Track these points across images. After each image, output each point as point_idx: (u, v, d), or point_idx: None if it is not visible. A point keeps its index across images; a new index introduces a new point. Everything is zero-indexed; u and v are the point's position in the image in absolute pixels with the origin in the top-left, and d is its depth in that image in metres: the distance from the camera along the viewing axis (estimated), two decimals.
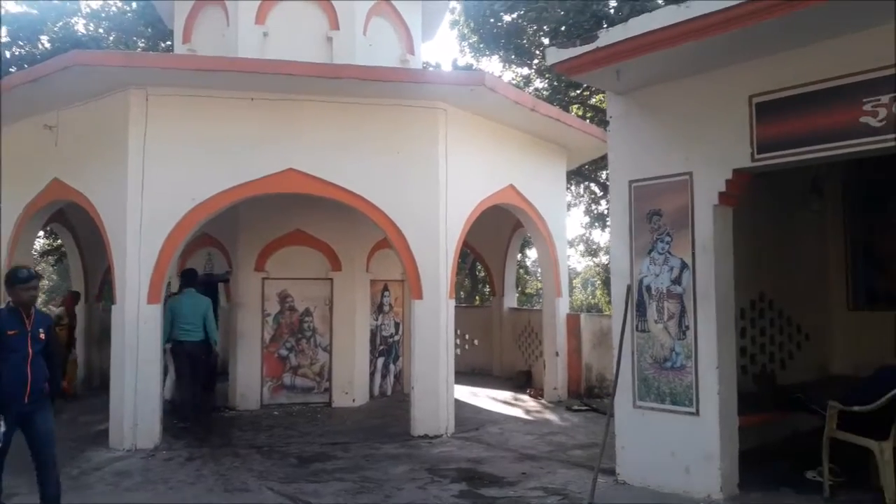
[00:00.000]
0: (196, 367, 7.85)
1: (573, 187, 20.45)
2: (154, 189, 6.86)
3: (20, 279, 4.32)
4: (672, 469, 5.07)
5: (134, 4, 17.32)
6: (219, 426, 7.84)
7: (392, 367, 10.08)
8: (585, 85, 12.16)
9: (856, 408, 4.64)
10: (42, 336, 4.36)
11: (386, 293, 9.94)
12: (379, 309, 9.81)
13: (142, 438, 6.68)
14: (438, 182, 7.48)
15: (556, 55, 5.24)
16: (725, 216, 5.08)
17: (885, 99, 4.16)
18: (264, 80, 6.86)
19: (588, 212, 21.57)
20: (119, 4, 17.98)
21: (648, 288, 5.35)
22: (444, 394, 7.42)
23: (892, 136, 4.16)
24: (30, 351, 4.25)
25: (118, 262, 6.89)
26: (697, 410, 4.97)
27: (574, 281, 29.98)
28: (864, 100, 4.24)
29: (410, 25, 9.93)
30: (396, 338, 10.15)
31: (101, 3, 17.97)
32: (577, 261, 28.72)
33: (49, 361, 4.45)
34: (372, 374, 9.61)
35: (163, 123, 6.95)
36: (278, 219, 8.95)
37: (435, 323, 7.42)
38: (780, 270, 6.76)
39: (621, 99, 5.63)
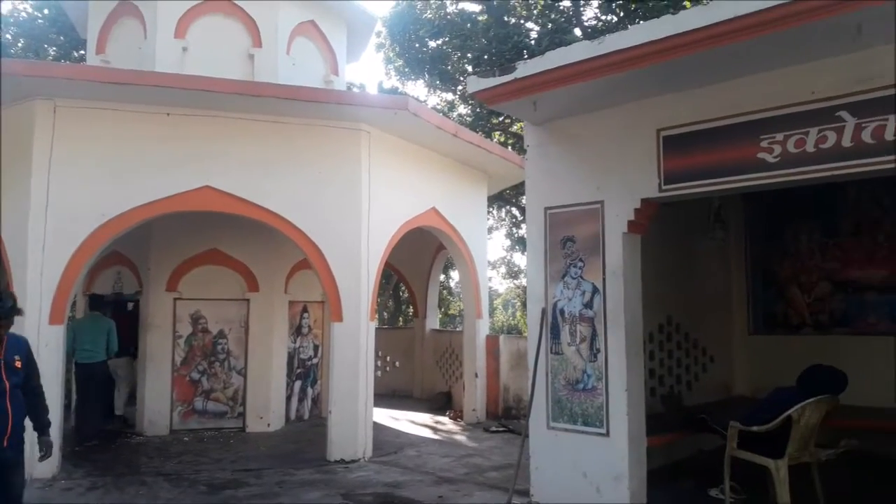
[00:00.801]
0: (98, 390, 7.62)
1: (495, 211, 20.82)
2: (60, 204, 6.54)
3: None
4: (583, 489, 5.18)
5: (46, 11, 16.55)
6: (124, 452, 7.47)
7: (310, 390, 9.89)
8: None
9: (754, 428, 4.88)
10: (18, 364, 3.68)
11: (305, 315, 9.78)
12: (297, 331, 9.63)
13: (39, 467, 6.28)
14: (361, 203, 7.47)
15: (476, 84, 5.35)
16: (634, 243, 5.28)
17: (779, 136, 4.44)
18: (182, 96, 6.70)
19: (509, 235, 22.00)
20: (29, 10, 17.16)
21: (562, 311, 5.49)
22: (362, 417, 7.34)
23: (786, 171, 4.44)
24: (5, 384, 3.58)
25: (18, 280, 6.50)
26: (608, 431, 5.11)
27: (495, 302, 30.36)
28: (761, 137, 4.51)
29: (335, 46, 9.93)
30: (315, 360, 9.98)
31: (10, 8, 17.07)
32: (498, 283, 29.17)
33: (32, 394, 3.81)
34: (288, 398, 9.40)
35: (71, 136, 6.66)
36: (193, 237, 8.70)
37: (355, 345, 7.36)
38: (687, 296, 7.09)
39: (538, 129, 5.80)
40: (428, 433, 9.05)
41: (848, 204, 7.19)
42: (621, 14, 13.57)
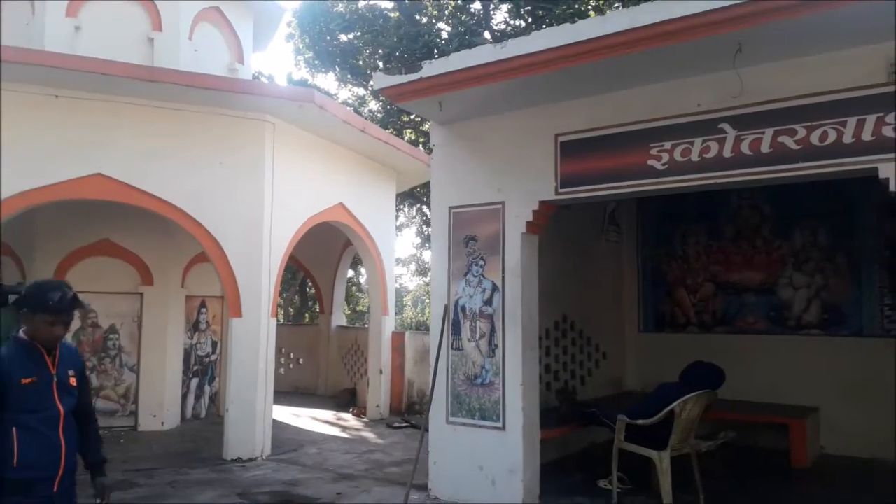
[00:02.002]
0: None
1: (406, 209, 20.83)
2: None
3: (48, 306, 2.71)
4: (480, 482, 5.30)
5: None
6: None
7: (207, 388, 9.58)
8: None
9: (639, 421, 5.14)
10: (73, 382, 2.87)
11: (203, 310, 9.46)
12: (195, 327, 9.31)
13: None
14: (263, 196, 7.30)
15: (382, 81, 5.35)
16: (532, 243, 5.45)
17: (667, 145, 4.70)
18: (72, 78, 6.32)
19: (420, 233, 22.08)
20: None
21: (464, 308, 5.59)
22: (261, 415, 7.19)
23: (673, 178, 4.71)
24: (59, 409, 2.78)
25: None
26: (504, 425, 5.25)
27: (405, 299, 30.44)
28: (651, 145, 4.76)
29: (241, 34, 9.65)
30: (213, 357, 9.68)
31: None
32: (409, 280, 29.27)
33: (84, 420, 2.96)
34: (184, 396, 9.07)
35: None
36: (83, 227, 8.23)
37: (254, 342, 7.19)
38: (582, 294, 7.37)
39: (444, 128, 5.87)
40: (330, 430, 8.97)
41: (731, 211, 7.69)
42: (529, 20, 13.90)
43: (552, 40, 4.37)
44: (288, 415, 9.96)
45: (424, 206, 20.57)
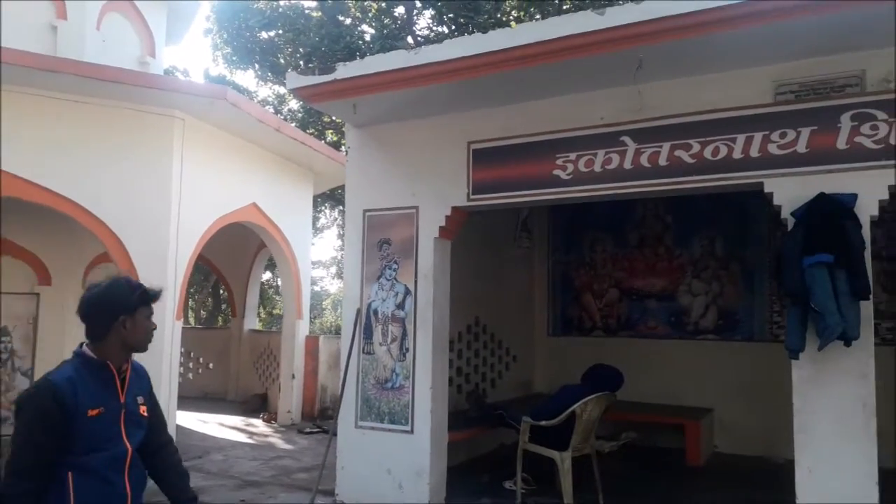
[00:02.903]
0: None
1: (327, 210, 20.59)
2: None
3: (150, 296, 2.31)
4: (387, 486, 5.30)
5: None
6: None
7: None
8: None
9: (543, 422, 5.27)
10: (143, 410, 2.35)
11: None
12: None
13: None
14: (170, 194, 7.06)
15: (295, 81, 5.29)
16: (445, 248, 5.52)
17: (572, 156, 4.87)
18: None
19: (341, 235, 21.86)
20: None
21: (376, 312, 5.59)
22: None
23: (578, 188, 4.88)
24: (126, 446, 2.24)
25: None
26: (412, 428, 5.28)
27: (325, 302, 30.02)
28: (557, 155, 4.91)
29: (153, 26, 9.31)
30: None
31: None
32: (329, 282, 28.87)
33: (163, 454, 2.49)
34: None
35: None
36: None
37: (158, 346, 6.92)
38: (494, 299, 7.51)
39: (359, 131, 5.86)
40: (238, 436, 8.75)
41: (636, 220, 8.02)
42: (453, 27, 14.05)
43: (464, 49, 4.44)
44: (194, 421, 9.65)
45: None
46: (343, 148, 15.05)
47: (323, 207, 19.57)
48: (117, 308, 2.21)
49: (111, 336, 2.22)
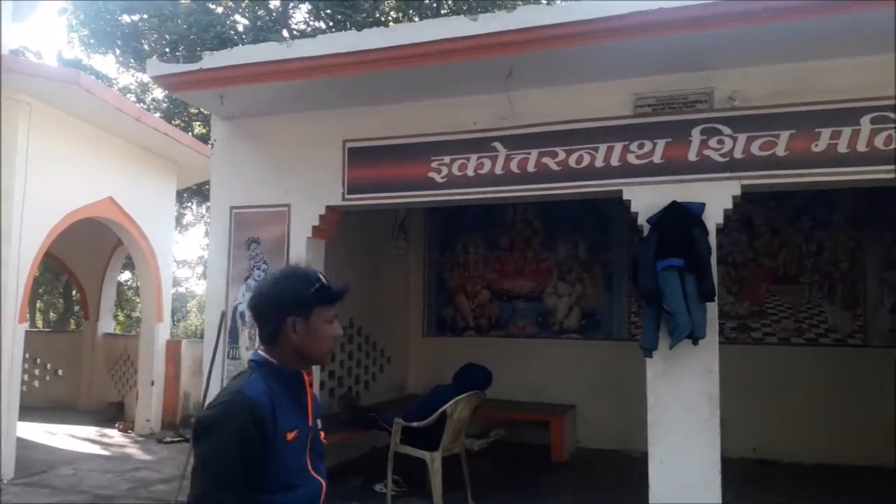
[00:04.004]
0: None
1: (194, 206, 19.57)
2: None
3: (331, 292, 1.80)
4: None
5: None
6: None
7: None
8: None
9: (414, 423, 5.28)
10: (323, 436, 1.92)
11: None
12: None
13: None
14: (13, 186, 6.40)
15: (157, 68, 4.99)
16: (318, 248, 5.40)
17: (446, 159, 4.92)
18: None
19: (209, 233, 20.86)
20: None
21: (242, 315, 5.37)
22: (3, 434, 6.28)
23: (451, 191, 4.94)
24: (320, 481, 1.81)
25: None
26: None
27: (190, 304, 28.54)
28: (432, 158, 4.95)
29: None
30: None
31: None
32: (195, 283, 27.48)
33: None
34: None
35: None
36: None
37: None
38: (370, 300, 7.45)
39: (227, 124, 5.61)
40: (90, 448, 8.10)
41: (507, 223, 8.26)
42: (331, 23, 13.83)
43: (338, 46, 4.38)
44: (40, 433, 8.82)
45: None
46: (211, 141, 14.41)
47: (189, 203, 18.59)
48: (286, 307, 1.75)
49: (281, 341, 1.76)
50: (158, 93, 16.17)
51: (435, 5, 13.47)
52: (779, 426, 6.88)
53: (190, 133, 13.53)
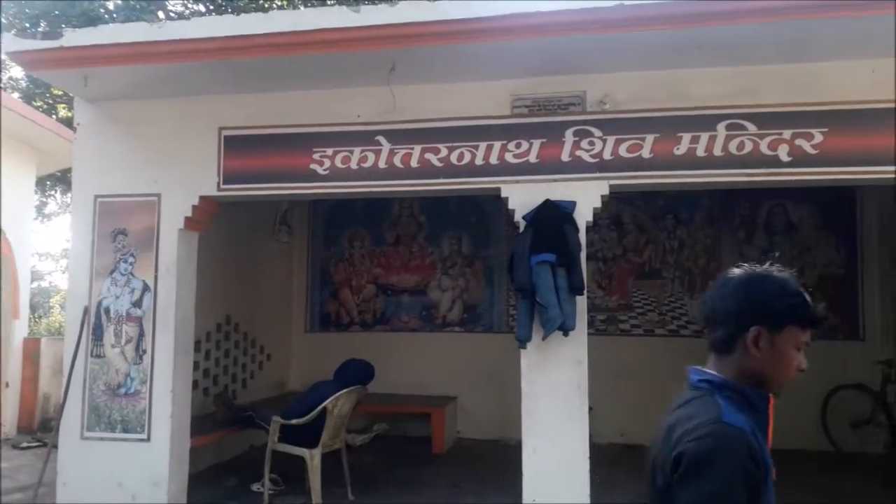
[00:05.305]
0: None
1: (58, 195, 18.16)
2: None
3: (782, 307, 1.48)
4: (118, 500, 4.82)
5: None
6: None
7: None
8: None
9: (293, 421, 5.19)
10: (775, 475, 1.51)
11: None
12: None
13: None
14: None
15: (13, 44, 4.56)
16: (191, 240, 5.16)
17: (329, 151, 4.84)
18: None
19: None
20: None
21: (108, 310, 5.05)
22: None
23: (334, 184, 4.86)
24: None
25: None
26: (149, 436, 4.86)
27: (53, 300, 26.47)
28: (314, 149, 4.84)
29: None
30: None
31: None
32: (59, 277, 25.47)
33: None
34: None
35: None
36: None
37: None
38: (249, 295, 7.23)
39: (92, 106, 5.24)
40: None
41: (393, 218, 8.28)
42: (210, 8, 13.24)
43: (213, 30, 4.21)
44: None
45: None
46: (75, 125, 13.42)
47: (53, 192, 17.23)
48: (753, 313, 1.50)
49: (736, 354, 1.52)
50: (17, 71, 14.87)
51: None
52: (643, 413, 7.30)
53: (54, 116, 12.53)
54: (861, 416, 6.53)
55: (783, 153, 4.27)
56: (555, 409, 4.35)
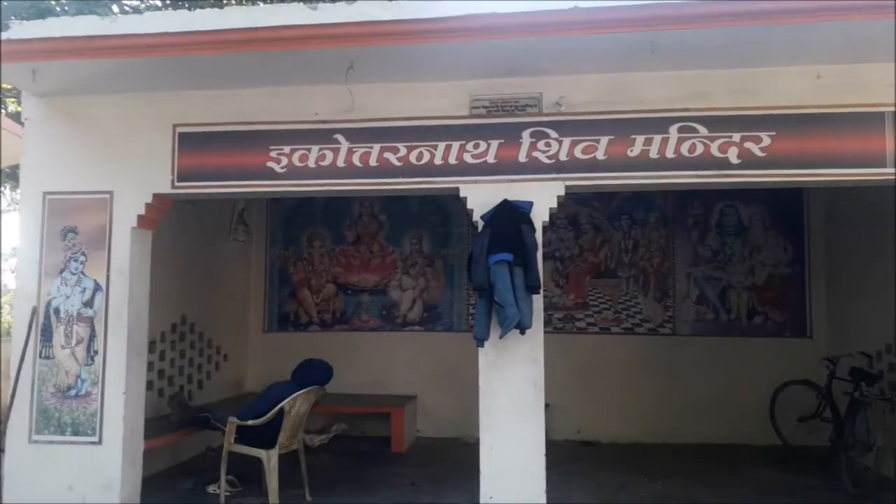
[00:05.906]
0: None
1: (7, 192, 17.59)
2: None
3: None
4: (68, 501, 4.72)
5: None
6: None
7: None
8: None
9: (250, 422, 5.13)
10: None
11: None
12: None
13: None
14: None
15: None
16: (144, 239, 5.07)
17: (286, 149, 4.80)
18: None
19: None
20: None
21: (57, 311, 4.94)
22: None
23: (291, 182, 4.82)
24: None
25: None
26: (100, 439, 4.77)
27: (4, 299, 25.63)
28: (271, 147, 4.80)
29: None
30: None
31: None
32: (9, 277, 24.67)
33: None
34: None
35: None
36: None
37: None
38: (205, 295, 7.12)
39: (41, 101, 5.10)
40: None
41: (353, 217, 8.24)
42: (168, 3, 12.98)
43: (166, 25, 4.12)
44: None
45: None
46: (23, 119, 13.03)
47: (2, 188, 16.70)
48: None
49: None
50: None
51: None
52: (599, 409, 7.47)
53: (3, 111, 12.14)
54: (808, 411, 6.73)
55: (733, 155, 4.39)
56: (511, 406, 4.40)
